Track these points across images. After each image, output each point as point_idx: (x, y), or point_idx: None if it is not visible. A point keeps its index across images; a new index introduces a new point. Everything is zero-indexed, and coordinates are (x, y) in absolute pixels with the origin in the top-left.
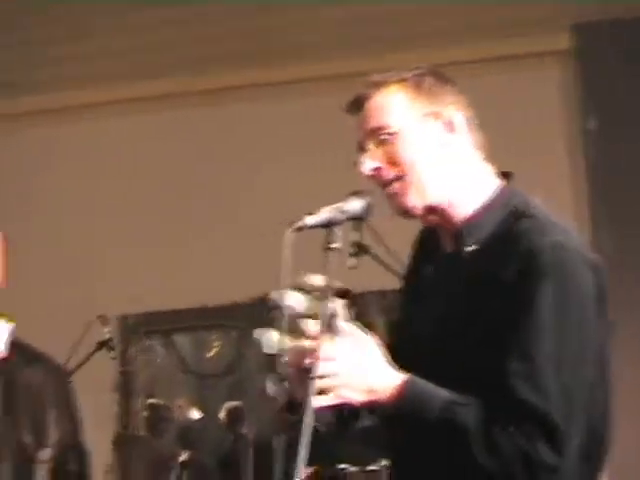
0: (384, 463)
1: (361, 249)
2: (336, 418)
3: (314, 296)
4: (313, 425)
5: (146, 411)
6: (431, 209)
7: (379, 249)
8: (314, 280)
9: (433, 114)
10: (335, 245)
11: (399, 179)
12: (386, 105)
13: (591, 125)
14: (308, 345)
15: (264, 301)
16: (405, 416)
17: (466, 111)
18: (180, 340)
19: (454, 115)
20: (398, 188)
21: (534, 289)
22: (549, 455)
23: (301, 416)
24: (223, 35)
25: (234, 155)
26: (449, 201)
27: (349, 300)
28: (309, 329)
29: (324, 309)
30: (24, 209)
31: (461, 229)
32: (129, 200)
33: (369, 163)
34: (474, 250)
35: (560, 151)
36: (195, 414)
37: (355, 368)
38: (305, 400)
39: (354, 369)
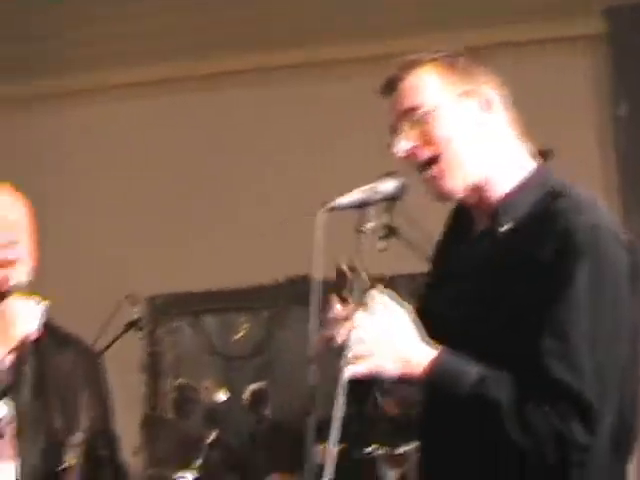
0: (412, 446)
1: (391, 231)
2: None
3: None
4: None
5: (173, 392)
6: (470, 189)
7: (409, 232)
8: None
9: (468, 92)
10: (368, 226)
11: (435, 160)
12: (420, 84)
13: (622, 111)
14: (344, 315)
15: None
16: (437, 389)
17: (500, 89)
18: (208, 321)
19: (489, 93)
20: (436, 171)
21: (570, 268)
22: (582, 434)
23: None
24: (242, 17)
25: (264, 135)
26: (486, 180)
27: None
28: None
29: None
30: (52, 190)
31: (497, 208)
32: (159, 180)
33: (404, 144)
34: (509, 229)
35: (590, 137)
36: (221, 396)
37: (390, 339)
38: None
39: (389, 340)
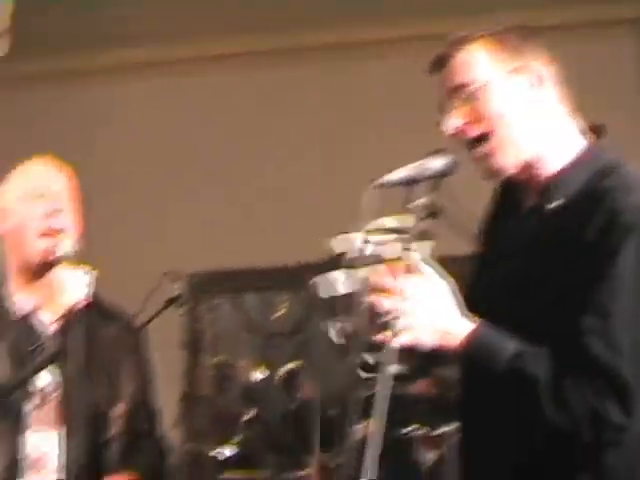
0: (450, 427)
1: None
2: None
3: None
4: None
5: (212, 369)
6: (521, 166)
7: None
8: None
9: (518, 69)
10: (415, 204)
11: (486, 137)
12: (471, 61)
13: None
14: (383, 285)
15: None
16: (474, 362)
17: (551, 66)
18: (248, 299)
19: (540, 70)
20: (487, 149)
21: (615, 247)
22: (617, 414)
23: (374, 373)
24: None
25: (310, 112)
26: (537, 157)
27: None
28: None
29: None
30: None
31: (548, 185)
32: (201, 157)
33: (454, 121)
34: (558, 206)
35: (636, 123)
36: (259, 374)
37: (430, 310)
38: (378, 341)
39: (428, 311)
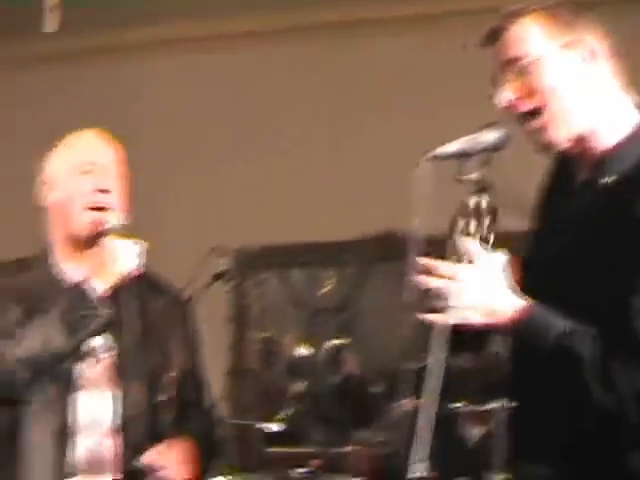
0: (498, 403)
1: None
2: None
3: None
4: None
5: (258, 344)
6: (575, 140)
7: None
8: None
9: (572, 43)
10: (468, 177)
11: (538, 111)
12: (524, 35)
13: None
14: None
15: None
16: (523, 340)
17: (605, 40)
18: (295, 275)
19: (592, 44)
20: (540, 122)
21: None
22: None
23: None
24: None
25: (358, 85)
26: (591, 131)
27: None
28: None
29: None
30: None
31: (602, 159)
32: (248, 134)
33: (507, 94)
34: (612, 181)
35: None
36: (304, 350)
37: (478, 289)
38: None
39: (477, 290)
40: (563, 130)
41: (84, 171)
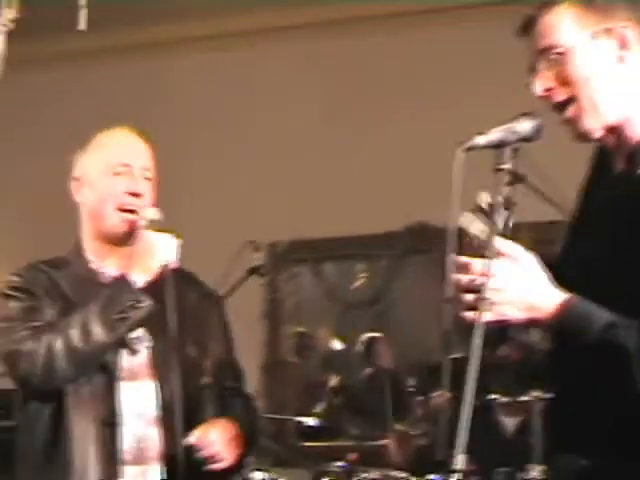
0: (534, 394)
1: (517, 177)
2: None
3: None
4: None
5: (292, 338)
6: (608, 129)
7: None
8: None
9: (605, 31)
10: (505, 166)
11: (572, 101)
12: (556, 24)
13: None
14: (471, 263)
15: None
16: (566, 333)
17: (639, 29)
18: (328, 269)
19: (627, 32)
20: (572, 112)
21: None
22: None
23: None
24: None
25: (385, 78)
26: (626, 120)
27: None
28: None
29: (489, 228)
30: (174, 136)
31: (636, 150)
32: (280, 129)
33: (540, 84)
34: None
35: None
36: (338, 343)
37: (517, 285)
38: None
39: (516, 286)
40: (595, 119)
41: (116, 172)
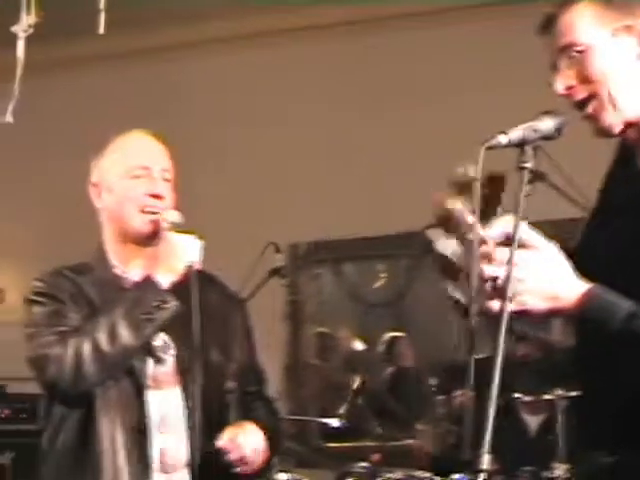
0: (557, 392)
1: (537, 175)
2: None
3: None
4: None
5: (314, 339)
6: (629, 125)
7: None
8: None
9: (625, 28)
10: (528, 165)
11: (593, 98)
12: (575, 21)
13: None
14: (493, 253)
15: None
16: (588, 326)
17: None
18: (349, 269)
19: None
20: (593, 108)
21: None
22: None
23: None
24: None
25: (403, 78)
26: None
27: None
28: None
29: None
30: (194, 138)
31: None
32: (299, 129)
33: (561, 82)
34: None
35: None
36: (359, 344)
37: (539, 275)
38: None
39: (538, 276)
40: (615, 115)
41: (135, 175)
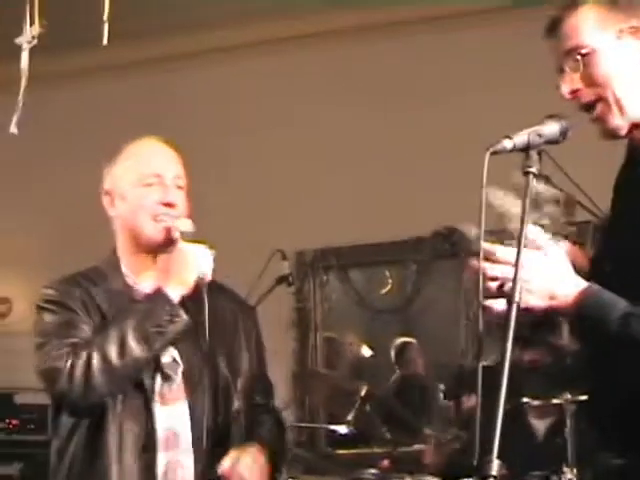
0: (565, 396)
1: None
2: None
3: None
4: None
5: (322, 346)
6: (635, 126)
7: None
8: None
9: (630, 30)
10: (533, 169)
11: (599, 101)
12: (580, 24)
13: None
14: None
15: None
16: (586, 325)
17: None
18: (355, 276)
19: None
20: (599, 111)
21: None
22: None
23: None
24: None
25: (413, 86)
26: None
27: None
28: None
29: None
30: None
31: None
32: (304, 136)
33: (567, 85)
34: None
35: None
36: (367, 350)
37: (541, 275)
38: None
39: (539, 276)
40: (622, 117)
41: (148, 183)
